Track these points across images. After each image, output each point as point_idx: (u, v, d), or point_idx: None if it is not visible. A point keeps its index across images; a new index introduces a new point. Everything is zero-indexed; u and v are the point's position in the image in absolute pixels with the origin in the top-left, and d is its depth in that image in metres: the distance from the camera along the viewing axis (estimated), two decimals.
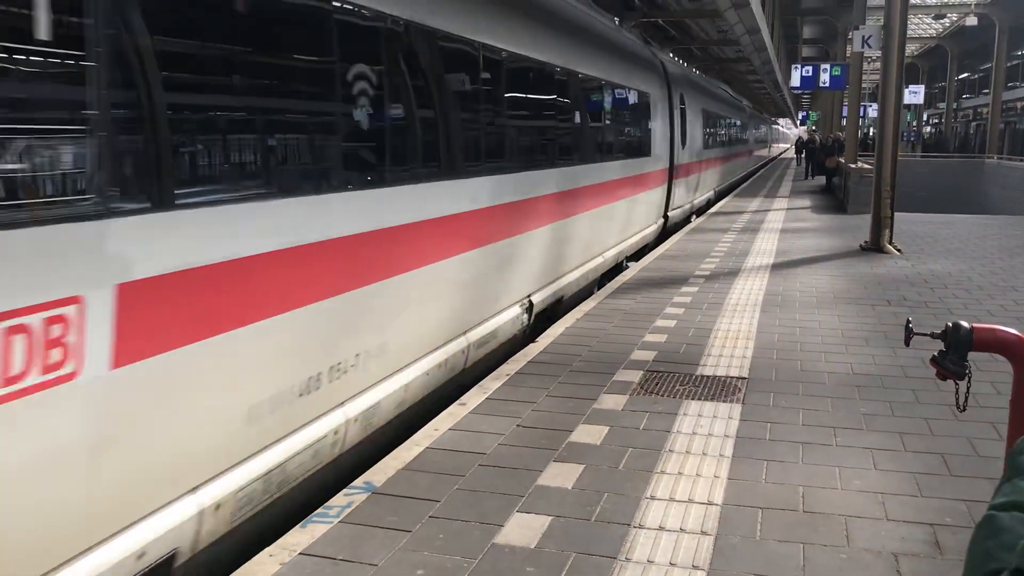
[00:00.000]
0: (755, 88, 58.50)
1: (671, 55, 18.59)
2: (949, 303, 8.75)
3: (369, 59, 4.64)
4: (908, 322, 3.19)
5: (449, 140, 5.60)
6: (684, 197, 16.71)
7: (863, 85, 24.24)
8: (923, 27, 47.23)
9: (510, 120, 7.20)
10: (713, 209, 20.73)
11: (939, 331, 2.97)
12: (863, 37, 12.99)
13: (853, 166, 20.38)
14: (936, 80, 58.09)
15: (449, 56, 5.78)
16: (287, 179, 4.00)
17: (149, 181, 3.09)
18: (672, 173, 14.69)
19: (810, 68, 22.98)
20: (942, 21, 45.19)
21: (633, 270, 10.88)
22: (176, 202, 3.20)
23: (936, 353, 2.95)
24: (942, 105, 53.81)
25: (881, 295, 9.13)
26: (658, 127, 13.22)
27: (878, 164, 12.88)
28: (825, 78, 22.40)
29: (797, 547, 3.54)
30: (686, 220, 17.61)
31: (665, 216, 14.86)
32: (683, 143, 15.73)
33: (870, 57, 31.20)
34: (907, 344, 3.19)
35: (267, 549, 3.54)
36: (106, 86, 2.88)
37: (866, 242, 13.02)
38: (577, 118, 8.98)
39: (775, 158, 60.27)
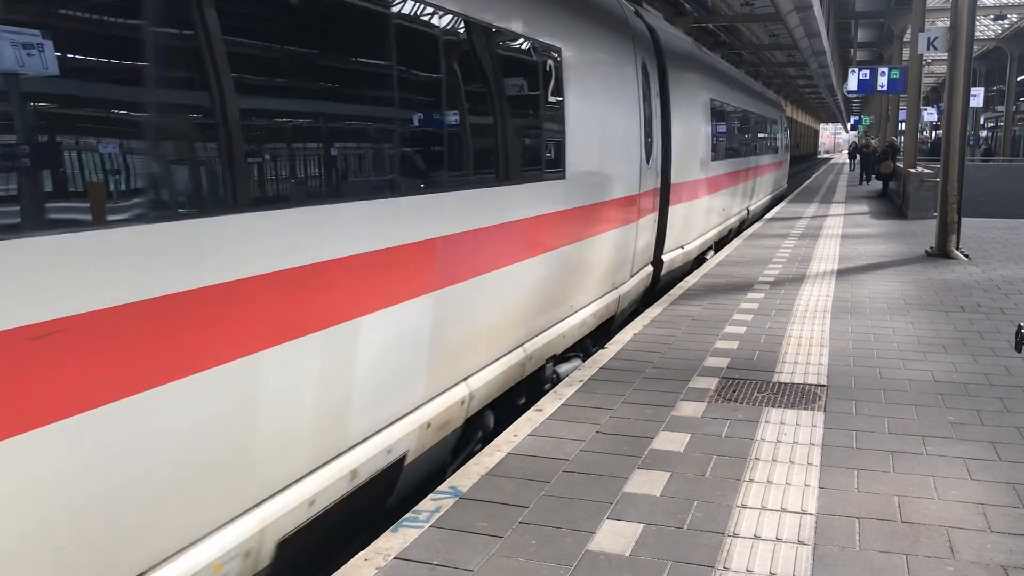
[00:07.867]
0: (805, 92, 57.84)
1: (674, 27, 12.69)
2: None
3: None
4: (1020, 327, 3.10)
5: None
6: (688, 231, 11.46)
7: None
8: (980, 28, 46.18)
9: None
10: (769, 215, 20.48)
11: None
12: (928, 39, 12.71)
13: (913, 171, 20.01)
14: (994, 83, 56.83)
15: None
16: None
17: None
18: (668, 197, 9.95)
19: (867, 72, 22.51)
20: (1001, 22, 44.16)
21: (696, 275, 10.77)
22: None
23: None
24: (1000, 108, 52.54)
25: (954, 301, 8.92)
26: (633, 126, 8.26)
27: (944, 168, 12.60)
28: (883, 82, 21.95)
29: (900, 558, 3.45)
30: (697, 261, 12.73)
31: (657, 261, 10.01)
32: (690, 151, 11.08)
33: (927, 60, 30.55)
34: (1018, 350, 3.10)
35: (361, 553, 3.55)
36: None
37: (932, 247, 12.77)
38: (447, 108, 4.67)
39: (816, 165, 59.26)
